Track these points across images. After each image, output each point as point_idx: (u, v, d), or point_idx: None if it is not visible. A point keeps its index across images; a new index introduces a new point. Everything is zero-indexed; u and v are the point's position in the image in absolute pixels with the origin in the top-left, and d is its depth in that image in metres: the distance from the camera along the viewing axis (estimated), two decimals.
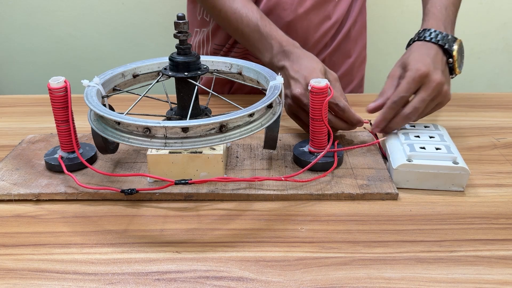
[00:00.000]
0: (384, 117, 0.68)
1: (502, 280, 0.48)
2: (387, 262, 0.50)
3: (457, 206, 0.60)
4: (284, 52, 0.73)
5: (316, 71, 0.69)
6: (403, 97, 0.67)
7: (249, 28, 0.77)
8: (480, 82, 1.58)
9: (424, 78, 0.67)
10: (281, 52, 0.74)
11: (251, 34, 0.77)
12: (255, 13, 0.77)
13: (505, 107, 0.90)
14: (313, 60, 0.71)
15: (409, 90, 0.67)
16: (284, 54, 0.73)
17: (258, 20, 0.77)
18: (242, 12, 0.78)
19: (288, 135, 0.77)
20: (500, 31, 1.50)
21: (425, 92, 0.67)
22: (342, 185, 0.62)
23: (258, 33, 0.76)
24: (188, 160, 0.62)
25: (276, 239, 0.54)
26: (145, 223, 0.57)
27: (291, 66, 0.71)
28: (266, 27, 0.76)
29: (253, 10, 0.78)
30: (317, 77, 0.67)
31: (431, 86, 0.67)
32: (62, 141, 0.66)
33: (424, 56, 0.69)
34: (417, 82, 0.67)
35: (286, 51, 0.73)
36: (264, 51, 0.76)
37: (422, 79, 0.67)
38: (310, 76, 0.68)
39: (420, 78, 0.67)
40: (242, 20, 0.78)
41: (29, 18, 1.47)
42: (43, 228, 0.56)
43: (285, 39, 0.75)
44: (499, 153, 0.73)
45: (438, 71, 0.68)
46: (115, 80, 0.67)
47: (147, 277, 0.48)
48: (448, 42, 0.71)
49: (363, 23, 1.01)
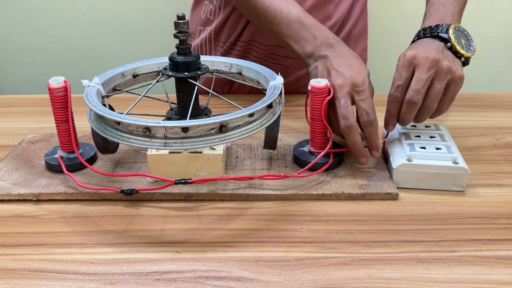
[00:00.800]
0: (388, 113, 0.66)
1: (502, 280, 0.48)
2: (387, 262, 0.50)
3: (457, 206, 0.60)
4: (330, 44, 0.71)
5: (364, 73, 0.66)
6: (398, 86, 0.64)
7: (288, 19, 0.75)
8: (480, 82, 1.58)
9: (413, 60, 0.64)
10: (326, 43, 0.71)
11: (291, 25, 0.74)
12: (296, 6, 0.76)
13: (505, 107, 0.90)
14: (361, 63, 0.68)
15: (401, 77, 0.64)
16: (329, 46, 0.71)
17: (300, 12, 0.75)
18: (282, 4, 0.76)
19: (288, 135, 0.77)
20: (500, 31, 1.50)
21: (419, 71, 0.64)
22: (342, 185, 0.62)
23: (299, 24, 0.74)
24: (188, 160, 0.62)
25: (276, 239, 0.54)
26: (145, 223, 0.57)
27: (336, 58, 0.69)
28: (309, 19, 0.74)
29: (293, 3, 0.76)
30: (362, 80, 0.65)
31: (424, 64, 0.63)
32: (62, 141, 0.66)
33: (414, 45, 0.67)
34: (406, 66, 0.64)
35: (332, 43, 0.71)
36: (305, 42, 0.73)
37: (411, 61, 0.64)
38: (357, 76, 0.65)
39: (409, 62, 0.64)
40: (282, 11, 0.75)
41: (29, 18, 1.47)
42: (43, 228, 0.56)
43: (330, 33, 0.73)
44: (499, 153, 0.73)
45: (430, 51, 0.64)
46: (115, 80, 0.67)
47: (147, 277, 0.48)
48: (440, 30, 0.68)
49: (364, 25, 1.01)
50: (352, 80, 0.65)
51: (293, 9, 0.75)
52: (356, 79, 0.65)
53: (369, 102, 0.64)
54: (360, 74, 0.65)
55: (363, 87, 0.64)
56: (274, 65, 0.96)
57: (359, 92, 0.64)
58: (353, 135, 0.64)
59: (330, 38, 0.71)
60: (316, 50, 0.71)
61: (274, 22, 0.77)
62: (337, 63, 0.68)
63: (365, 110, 0.64)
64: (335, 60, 0.68)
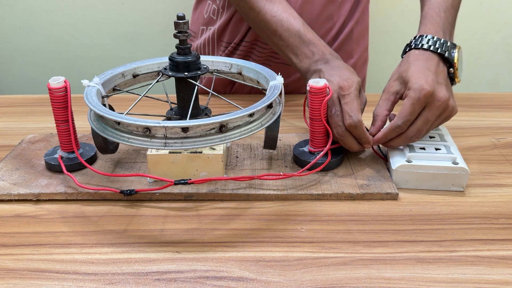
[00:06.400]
0: (385, 137, 0.65)
1: (502, 280, 0.48)
2: (387, 262, 0.50)
3: (457, 206, 0.60)
4: (326, 60, 0.72)
5: (353, 80, 0.66)
6: (408, 121, 0.63)
7: (289, 32, 0.76)
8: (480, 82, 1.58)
9: (428, 98, 0.62)
10: (323, 59, 0.72)
11: (291, 39, 0.76)
12: (297, 19, 0.77)
13: (505, 107, 0.90)
14: (353, 73, 0.69)
15: (414, 112, 0.63)
16: (326, 61, 0.72)
17: (300, 26, 0.76)
18: (283, 16, 0.77)
19: (288, 135, 0.77)
20: (500, 31, 1.50)
21: (429, 112, 0.63)
22: (342, 185, 0.62)
23: (299, 39, 0.75)
24: (188, 160, 0.62)
25: (276, 239, 0.54)
26: (145, 223, 0.57)
27: (329, 70, 0.70)
28: (308, 34, 0.75)
29: (294, 16, 0.77)
30: (348, 85, 0.65)
31: (436, 105, 0.63)
32: (62, 141, 0.66)
33: (425, 71, 0.65)
34: (422, 102, 0.62)
35: (327, 59, 0.72)
36: (303, 57, 0.75)
37: (427, 98, 0.62)
38: (344, 81, 0.66)
39: (425, 98, 0.62)
40: (282, 24, 0.77)
41: (29, 18, 1.47)
42: (43, 228, 0.56)
43: (328, 49, 0.74)
44: (499, 153, 0.73)
45: (442, 86, 0.64)
46: (115, 80, 0.67)
47: (147, 277, 0.48)
48: (447, 49, 0.68)
49: (365, 25, 1.01)
50: (339, 85, 0.66)
51: (294, 23, 0.77)
52: (342, 84, 0.66)
53: (352, 105, 0.64)
54: (348, 80, 0.66)
55: (348, 91, 0.65)
56: (276, 64, 0.96)
57: (344, 95, 0.65)
58: (347, 140, 0.65)
59: (327, 54, 0.73)
60: (313, 65, 0.73)
61: (275, 34, 0.78)
62: (329, 74, 0.69)
63: (348, 113, 0.64)
64: (328, 72, 0.70)
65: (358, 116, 0.64)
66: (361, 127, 0.64)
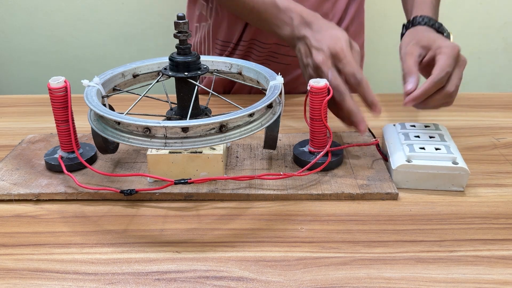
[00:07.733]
0: (426, 92, 0.66)
1: (502, 280, 0.48)
2: (387, 262, 0.50)
3: (457, 206, 0.60)
4: (306, 23, 0.72)
5: (341, 40, 0.67)
6: (448, 72, 0.66)
7: (265, 5, 0.76)
8: (480, 82, 1.58)
9: (459, 54, 0.68)
10: (302, 23, 0.72)
11: (268, 10, 0.76)
12: None
13: (505, 107, 0.90)
14: (337, 30, 0.70)
15: (451, 65, 0.66)
16: (306, 25, 0.72)
17: None
18: None
19: (288, 135, 0.77)
20: (500, 31, 1.50)
21: (459, 69, 0.68)
22: (342, 185, 0.62)
23: (275, 8, 0.75)
24: (188, 160, 0.62)
25: (276, 239, 0.54)
26: (145, 223, 0.57)
27: (313, 35, 0.70)
28: (284, 2, 0.75)
29: None
30: (342, 46, 0.66)
31: (462, 62, 0.68)
32: (62, 141, 0.66)
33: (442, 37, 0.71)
34: (456, 57, 0.67)
35: (308, 21, 0.72)
36: (283, 25, 0.75)
37: (459, 54, 0.68)
38: (335, 45, 0.66)
39: (459, 53, 0.68)
40: None
41: (29, 18, 1.47)
42: (43, 228, 0.56)
43: (306, 11, 0.74)
44: (499, 153, 0.73)
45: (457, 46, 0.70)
46: (115, 80, 0.67)
47: (147, 277, 0.48)
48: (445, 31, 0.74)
49: (361, 22, 1.02)
50: (331, 52, 0.66)
51: None
52: (334, 50, 0.66)
53: (351, 65, 0.65)
54: (338, 42, 0.67)
55: (343, 54, 0.66)
56: (274, 64, 0.96)
57: (340, 60, 0.66)
58: (347, 103, 0.65)
59: (305, 16, 0.73)
60: (295, 31, 0.73)
61: (253, 11, 0.79)
62: (316, 40, 0.69)
63: (350, 73, 0.65)
64: (314, 38, 0.70)
65: (361, 73, 0.65)
66: (366, 83, 0.65)
